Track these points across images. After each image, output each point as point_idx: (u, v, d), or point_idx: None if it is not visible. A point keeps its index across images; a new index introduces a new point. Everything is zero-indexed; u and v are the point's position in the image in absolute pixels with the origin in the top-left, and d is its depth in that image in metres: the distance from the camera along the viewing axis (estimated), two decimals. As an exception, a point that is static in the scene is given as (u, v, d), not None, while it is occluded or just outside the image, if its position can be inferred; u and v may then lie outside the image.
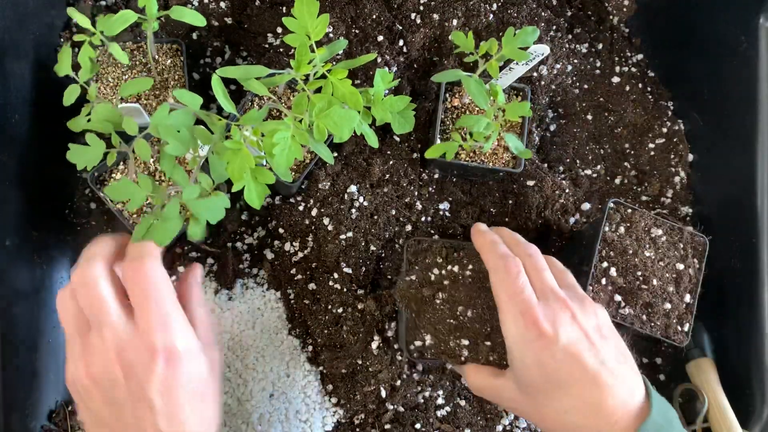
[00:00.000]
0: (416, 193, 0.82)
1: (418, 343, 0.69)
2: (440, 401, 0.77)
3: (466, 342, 0.69)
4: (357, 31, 0.82)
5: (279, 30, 0.83)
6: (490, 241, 0.65)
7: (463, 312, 0.69)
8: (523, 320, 0.57)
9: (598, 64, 0.92)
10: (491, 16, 0.85)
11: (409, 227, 0.81)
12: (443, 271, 0.70)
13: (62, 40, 0.79)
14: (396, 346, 0.77)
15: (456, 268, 0.70)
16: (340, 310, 0.77)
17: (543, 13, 0.87)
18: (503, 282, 0.61)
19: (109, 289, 0.52)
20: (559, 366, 0.55)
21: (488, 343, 0.69)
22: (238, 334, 0.76)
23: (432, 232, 0.81)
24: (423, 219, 0.82)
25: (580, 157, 0.88)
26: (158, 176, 0.73)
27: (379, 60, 0.80)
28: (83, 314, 0.53)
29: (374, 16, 0.82)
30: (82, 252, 0.56)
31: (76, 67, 0.67)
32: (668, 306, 0.71)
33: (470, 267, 0.71)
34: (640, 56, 0.93)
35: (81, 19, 0.65)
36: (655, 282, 0.71)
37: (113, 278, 0.53)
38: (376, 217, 0.79)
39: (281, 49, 0.82)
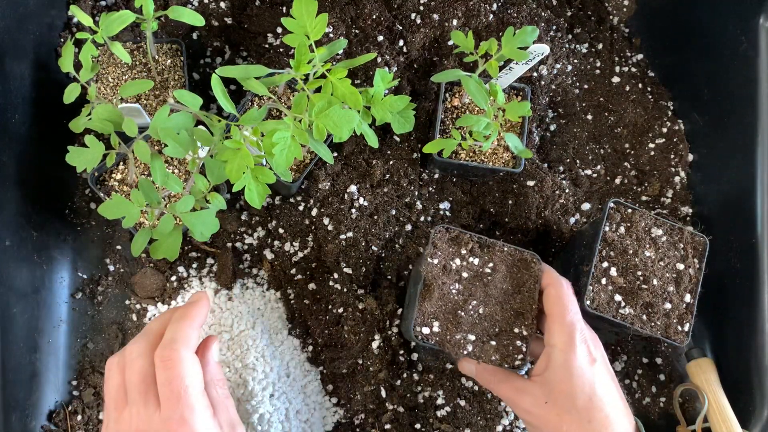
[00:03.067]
0: (416, 193, 0.82)
1: (425, 329, 0.69)
2: (440, 401, 0.77)
3: (472, 338, 0.69)
4: (357, 31, 0.82)
5: (279, 30, 0.83)
6: (562, 281, 0.69)
7: (476, 308, 0.69)
8: (580, 339, 0.62)
9: (598, 64, 0.92)
10: (491, 16, 0.85)
11: (409, 227, 0.81)
12: (465, 263, 0.70)
13: (62, 40, 0.79)
14: (395, 328, 0.77)
15: (477, 263, 0.71)
16: (340, 310, 0.77)
17: (543, 13, 0.87)
18: (565, 298, 0.64)
19: (149, 370, 0.53)
20: (595, 385, 0.60)
21: (493, 343, 0.69)
22: (238, 334, 0.76)
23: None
24: (423, 219, 0.82)
25: (580, 157, 0.88)
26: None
27: (379, 60, 0.80)
28: (123, 388, 0.55)
29: (374, 16, 0.82)
30: (146, 326, 0.59)
31: (77, 66, 0.67)
32: (668, 306, 0.71)
33: (491, 265, 0.71)
34: (640, 56, 0.93)
35: (83, 17, 0.65)
36: (655, 282, 0.71)
37: None
38: (376, 217, 0.79)
39: (281, 49, 0.82)
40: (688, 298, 0.72)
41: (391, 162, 0.81)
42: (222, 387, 0.59)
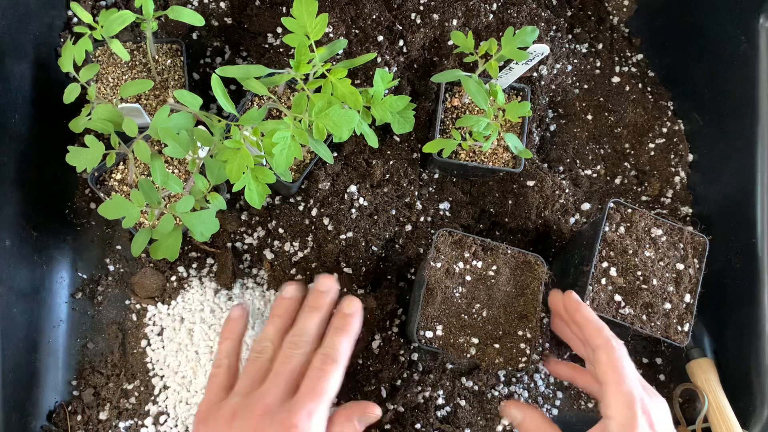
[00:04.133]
0: (416, 193, 0.82)
1: (428, 333, 0.69)
2: (440, 401, 0.77)
3: (475, 341, 0.69)
4: (357, 31, 0.82)
5: (279, 30, 0.83)
6: (594, 317, 0.64)
7: (479, 311, 0.70)
8: (640, 412, 0.56)
9: (598, 64, 0.92)
10: (491, 16, 0.85)
11: (409, 227, 0.81)
12: (468, 266, 0.71)
13: (62, 40, 0.79)
14: (396, 328, 0.77)
15: (481, 266, 0.71)
16: (340, 310, 0.77)
17: (543, 13, 0.87)
18: (620, 363, 0.59)
19: (303, 368, 0.57)
20: None
21: (497, 346, 0.70)
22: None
23: (432, 231, 0.81)
24: (423, 219, 0.82)
25: (580, 157, 0.88)
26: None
27: (379, 60, 0.80)
28: (266, 372, 0.59)
29: (374, 16, 0.82)
30: (301, 324, 0.62)
31: (77, 66, 0.67)
32: (668, 306, 0.71)
33: (494, 268, 0.71)
34: (640, 56, 0.93)
35: (83, 14, 0.65)
36: (655, 282, 0.71)
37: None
38: (376, 217, 0.79)
39: (281, 49, 0.82)
40: (688, 298, 0.72)
41: (391, 162, 0.81)
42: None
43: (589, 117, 0.90)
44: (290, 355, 0.58)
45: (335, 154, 0.79)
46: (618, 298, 0.71)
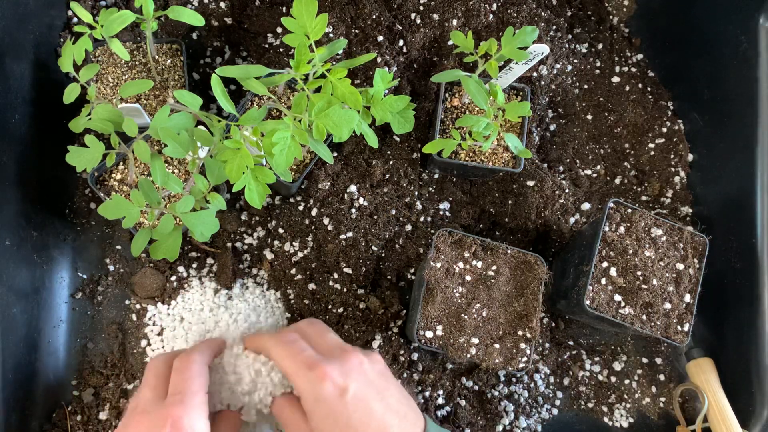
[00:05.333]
0: (416, 193, 0.82)
1: (428, 333, 0.69)
2: (440, 401, 0.77)
3: (476, 341, 0.69)
4: (357, 31, 0.82)
5: (279, 30, 0.83)
6: (265, 338, 0.63)
7: (479, 311, 0.70)
8: (313, 374, 0.55)
9: (598, 64, 0.92)
10: (491, 16, 0.85)
11: (409, 227, 0.81)
12: (468, 266, 0.71)
13: (62, 40, 0.79)
14: (396, 328, 0.77)
15: (481, 266, 0.71)
16: (340, 310, 0.77)
17: (543, 13, 0.87)
18: (283, 351, 0.59)
19: (166, 373, 0.58)
20: (351, 414, 0.55)
21: (497, 346, 0.70)
22: (237, 334, 0.76)
23: (432, 231, 0.81)
24: (423, 219, 0.82)
25: (580, 157, 0.88)
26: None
27: (379, 60, 0.80)
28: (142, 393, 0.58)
29: (374, 16, 0.82)
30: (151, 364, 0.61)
31: (77, 66, 0.67)
32: (668, 306, 0.71)
33: (494, 268, 0.71)
34: (640, 56, 0.93)
35: (83, 14, 0.65)
36: (655, 282, 0.71)
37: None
38: (376, 217, 0.79)
39: (281, 49, 0.82)
40: (688, 298, 0.72)
41: (391, 162, 0.81)
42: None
43: (589, 117, 0.90)
44: (151, 365, 0.59)
45: (335, 154, 0.79)
46: (618, 298, 0.71)
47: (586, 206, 0.83)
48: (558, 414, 0.81)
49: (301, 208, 0.79)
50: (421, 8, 0.84)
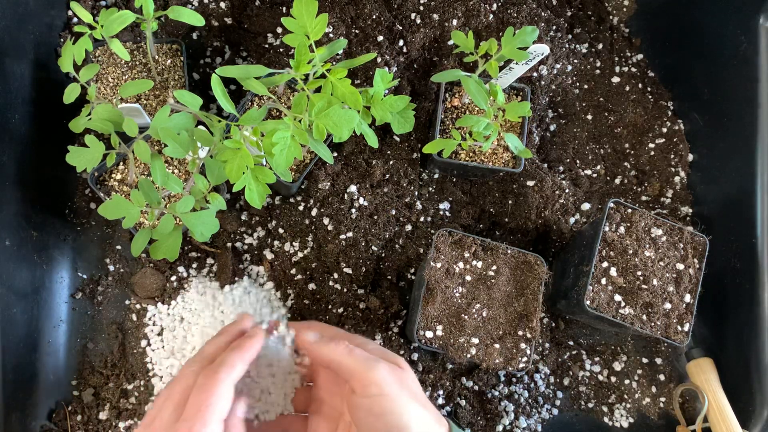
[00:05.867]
0: (416, 193, 0.82)
1: (428, 333, 0.69)
2: (440, 401, 0.77)
3: (476, 341, 0.69)
4: (357, 31, 0.82)
5: (279, 30, 0.83)
6: (320, 342, 0.61)
7: (479, 311, 0.70)
8: (375, 368, 0.55)
9: (598, 64, 0.92)
10: (491, 16, 0.85)
11: (409, 227, 0.81)
12: (468, 266, 0.71)
13: (62, 40, 0.79)
14: (396, 328, 0.77)
15: (481, 266, 0.71)
16: (340, 310, 0.77)
17: (543, 13, 0.87)
18: (340, 349, 0.57)
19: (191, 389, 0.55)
20: (405, 410, 0.53)
21: (497, 346, 0.70)
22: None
23: (432, 231, 0.81)
24: (423, 219, 0.82)
25: (580, 157, 0.88)
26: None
27: (379, 60, 0.80)
28: (165, 401, 0.56)
29: (374, 16, 0.82)
30: (202, 348, 0.59)
31: (77, 66, 0.67)
32: (668, 306, 0.71)
33: (494, 268, 0.71)
34: (640, 56, 0.93)
35: (83, 13, 0.65)
36: (655, 282, 0.71)
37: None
38: (376, 217, 0.79)
39: (281, 49, 0.82)
40: (688, 298, 0.72)
41: (391, 162, 0.81)
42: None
43: (589, 117, 0.90)
44: (182, 375, 0.56)
45: (335, 154, 0.79)
46: (618, 298, 0.71)
47: (586, 206, 0.83)
48: (558, 414, 0.81)
49: (301, 208, 0.79)
50: (421, 8, 0.84)
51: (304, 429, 0.62)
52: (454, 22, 0.84)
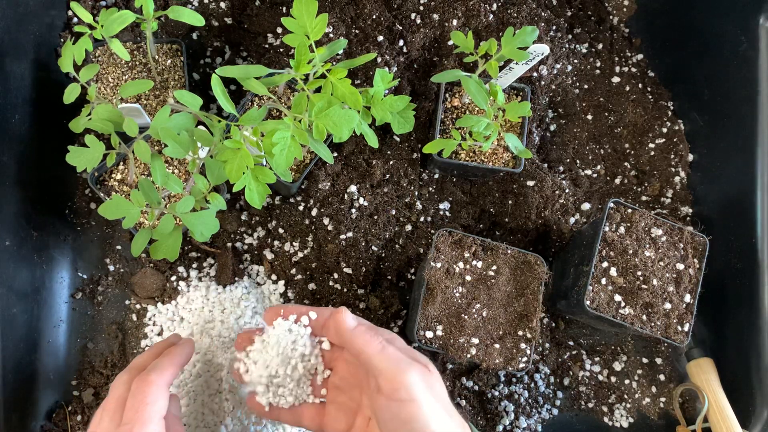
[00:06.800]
0: (416, 193, 0.82)
1: (428, 333, 0.69)
2: (440, 401, 0.77)
3: (476, 341, 0.69)
4: (357, 31, 0.82)
5: (279, 30, 0.83)
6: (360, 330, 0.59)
7: (479, 311, 0.70)
8: (406, 367, 0.54)
9: (598, 64, 0.92)
10: (491, 16, 0.85)
11: (409, 227, 0.81)
12: (468, 266, 0.71)
13: (62, 40, 0.79)
14: (396, 328, 0.77)
15: (481, 266, 0.71)
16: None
17: (543, 13, 0.87)
18: (368, 337, 0.57)
19: (125, 396, 0.56)
20: (432, 408, 0.53)
21: (497, 346, 0.70)
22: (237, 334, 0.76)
23: (432, 231, 0.81)
24: (423, 219, 0.82)
25: (580, 157, 0.88)
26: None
27: (379, 60, 0.80)
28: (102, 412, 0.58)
29: (374, 16, 0.82)
30: (133, 361, 0.61)
31: (77, 66, 0.67)
32: (668, 306, 0.71)
33: (494, 268, 0.71)
34: (640, 56, 0.93)
35: (83, 13, 0.65)
36: (655, 282, 0.71)
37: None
38: (376, 217, 0.79)
39: (281, 49, 0.82)
40: (688, 298, 0.72)
41: (391, 162, 0.81)
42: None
43: (589, 117, 0.90)
44: (113, 386, 0.58)
45: (335, 154, 0.79)
46: (618, 298, 0.71)
47: (586, 206, 0.83)
48: (558, 414, 0.81)
49: (301, 208, 0.79)
50: (421, 8, 0.84)
51: (320, 416, 0.61)
52: (454, 22, 0.84)
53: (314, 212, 0.78)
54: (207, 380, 0.73)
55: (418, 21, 0.84)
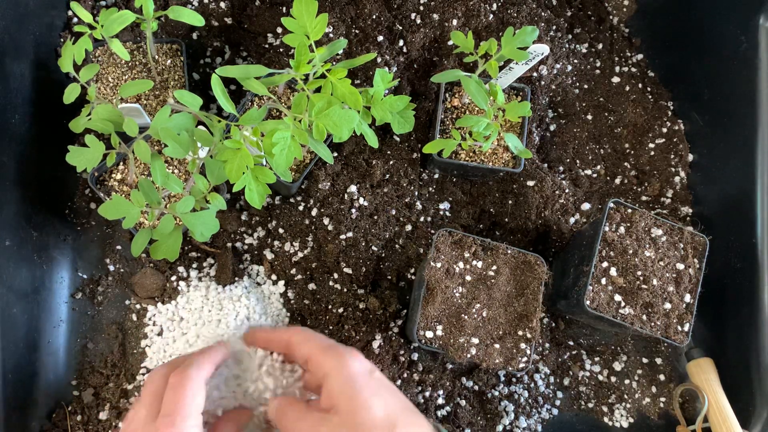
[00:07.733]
0: (416, 193, 0.82)
1: (429, 333, 0.69)
2: (440, 401, 0.77)
3: (476, 341, 0.69)
4: (357, 31, 0.82)
5: (279, 30, 0.83)
6: (279, 331, 0.63)
7: (479, 311, 0.70)
8: (342, 353, 0.55)
9: (598, 64, 0.92)
10: (491, 16, 0.85)
11: (409, 227, 0.81)
12: (468, 266, 0.71)
13: (62, 40, 0.79)
14: (396, 328, 0.77)
15: (481, 266, 0.71)
16: (340, 310, 0.77)
17: (543, 13, 0.87)
18: (304, 336, 0.59)
19: (162, 389, 0.56)
20: (379, 392, 0.54)
21: (497, 346, 0.70)
22: (238, 335, 0.76)
23: (432, 231, 0.81)
24: (423, 219, 0.82)
25: (580, 157, 0.88)
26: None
27: (379, 60, 0.80)
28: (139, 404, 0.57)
29: (374, 16, 0.82)
30: (172, 359, 0.62)
31: (77, 66, 0.67)
32: (668, 306, 0.71)
33: (494, 268, 0.71)
34: (640, 56, 0.93)
35: (83, 14, 0.65)
36: (655, 282, 0.71)
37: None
38: (376, 217, 0.79)
39: (281, 49, 0.82)
40: (688, 298, 0.72)
41: (391, 162, 0.81)
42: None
43: (589, 117, 0.90)
44: (150, 380, 0.57)
45: (335, 154, 0.79)
46: (618, 298, 0.71)
47: (586, 206, 0.83)
48: (558, 414, 0.81)
49: (301, 208, 0.79)
50: (421, 8, 0.84)
51: None
52: (454, 22, 0.84)
53: (314, 212, 0.78)
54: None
55: (418, 21, 0.84)
